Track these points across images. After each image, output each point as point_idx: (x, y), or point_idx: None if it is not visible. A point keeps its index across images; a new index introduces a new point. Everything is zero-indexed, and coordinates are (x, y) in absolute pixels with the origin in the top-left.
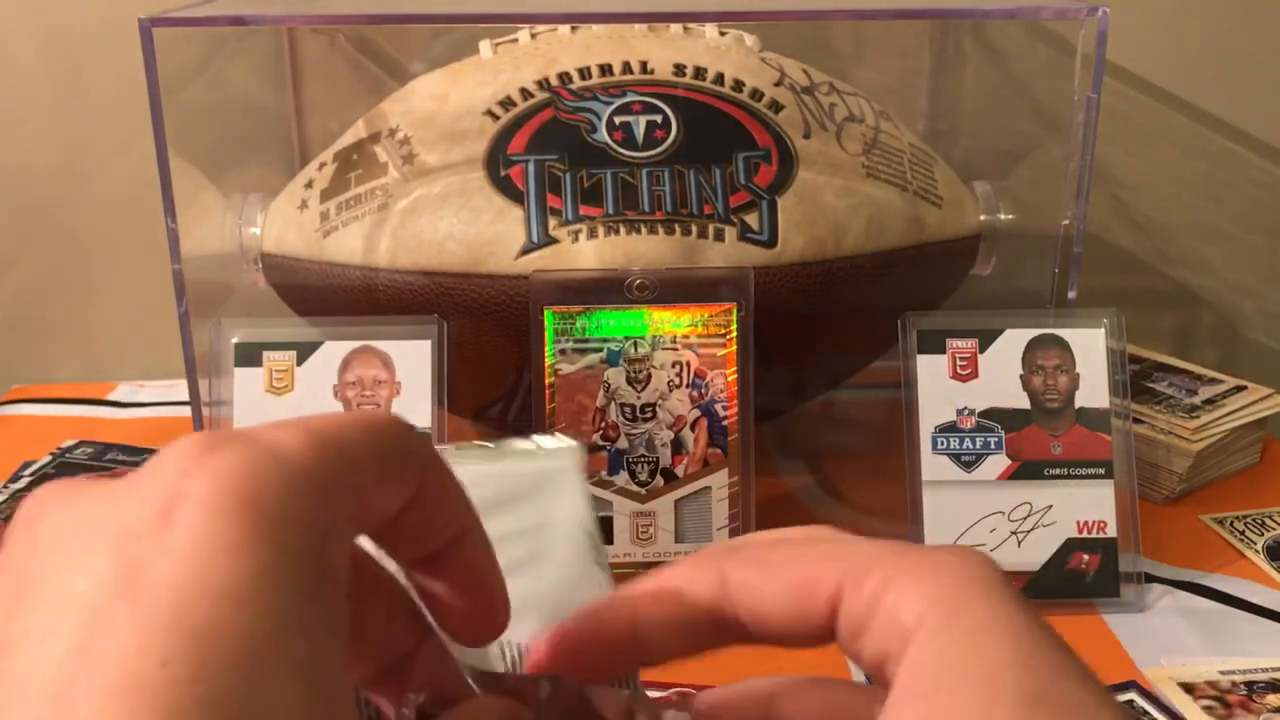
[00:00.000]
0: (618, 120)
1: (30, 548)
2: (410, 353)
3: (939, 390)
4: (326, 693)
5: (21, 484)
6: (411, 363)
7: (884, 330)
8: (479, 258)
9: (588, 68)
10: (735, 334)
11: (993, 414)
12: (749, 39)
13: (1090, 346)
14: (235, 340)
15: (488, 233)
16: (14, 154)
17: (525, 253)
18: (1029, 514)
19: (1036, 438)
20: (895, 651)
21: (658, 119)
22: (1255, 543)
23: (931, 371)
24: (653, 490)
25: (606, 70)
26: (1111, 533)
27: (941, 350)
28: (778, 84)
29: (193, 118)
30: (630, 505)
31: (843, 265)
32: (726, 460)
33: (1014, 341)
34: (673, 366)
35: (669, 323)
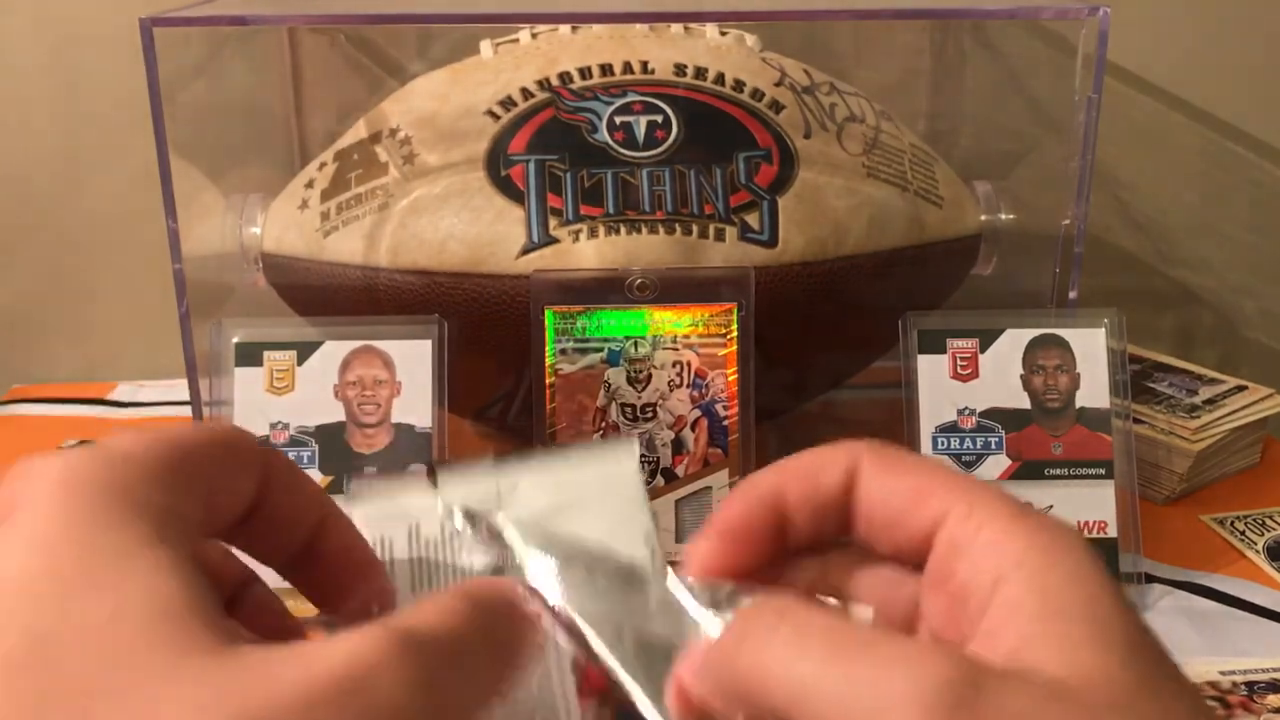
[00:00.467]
0: (618, 120)
1: None
2: (410, 353)
3: (939, 390)
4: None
5: None
6: (412, 363)
7: (884, 330)
8: (479, 258)
9: (588, 68)
10: (736, 334)
11: (993, 414)
12: (749, 39)
13: (1091, 346)
14: (236, 340)
15: (488, 233)
16: (14, 154)
17: (526, 252)
18: None
19: (1037, 438)
20: (986, 582)
21: (658, 119)
22: (1256, 543)
23: (932, 371)
24: (653, 490)
25: (607, 70)
26: (1112, 533)
27: (942, 350)
28: (778, 84)
29: (193, 117)
30: None
31: (843, 265)
32: (727, 460)
33: (1015, 341)
34: (673, 366)
35: (669, 322)
